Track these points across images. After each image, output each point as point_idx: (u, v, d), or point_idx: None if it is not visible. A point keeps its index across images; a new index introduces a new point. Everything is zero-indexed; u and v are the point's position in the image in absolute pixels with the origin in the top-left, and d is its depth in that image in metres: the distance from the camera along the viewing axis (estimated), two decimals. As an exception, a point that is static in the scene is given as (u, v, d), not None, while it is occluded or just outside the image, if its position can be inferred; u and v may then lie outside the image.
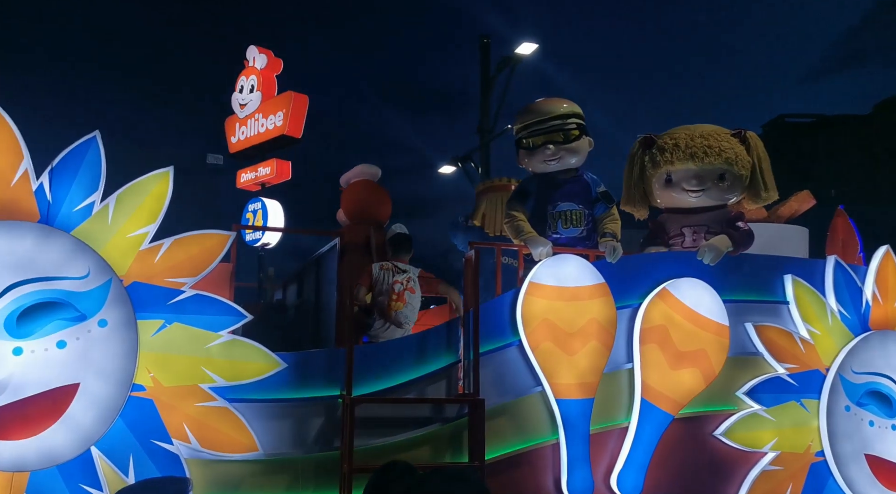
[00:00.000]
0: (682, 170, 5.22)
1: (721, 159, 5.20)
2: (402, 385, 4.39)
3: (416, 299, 5.22)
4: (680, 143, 5.26)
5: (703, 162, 5.18)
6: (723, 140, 5.29)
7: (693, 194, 5.24)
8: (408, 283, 5.19)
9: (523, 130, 5.21)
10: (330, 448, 4.12)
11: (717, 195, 5.27)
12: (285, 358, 4.07)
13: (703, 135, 5.29)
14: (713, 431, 4.90)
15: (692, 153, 5.19)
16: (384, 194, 6.83)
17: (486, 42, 16.71)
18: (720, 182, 5.24)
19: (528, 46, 15.90)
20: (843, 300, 5.36)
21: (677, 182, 5.26)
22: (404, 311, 5.15)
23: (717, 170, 5.22)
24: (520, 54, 15.96)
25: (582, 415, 4.57)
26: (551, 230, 5.10)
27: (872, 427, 5.18)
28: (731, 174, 5.25)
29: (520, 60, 16.00)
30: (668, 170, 5.26)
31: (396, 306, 5.11)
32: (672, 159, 5.23)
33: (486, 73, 16.58)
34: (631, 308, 4.85)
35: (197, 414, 3.85)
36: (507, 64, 16.20)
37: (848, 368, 5.20)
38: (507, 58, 16.21)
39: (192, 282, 3.93)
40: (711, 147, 5.21)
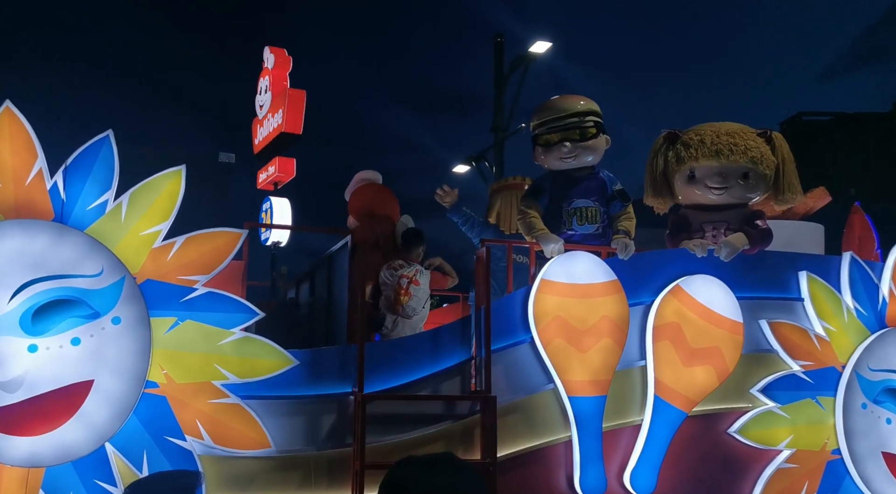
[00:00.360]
0: (705, 167, 5.16)
1: (746, 158, 5.12)
2: (414, 382, 4.37)
3: (422, 292, 5.23)
4: (705, 139, 5.18)
5: (728, 160, 5.11)
6: (748, 139, 5.20)
7: (716, 191, 5.17)
8: (414, 275, 5.20)
9: (540, 126, 5.18)
10: (342, 444, 4.11)
11: (740, 194, 5.20)
12: (297, 355, 4.07)
13: (728, 133, 5.20)
14: (727, 428, 4.85)
15: (717, 150, 5.12)
16: (388, 192, 6.85)
17: (500, 41, 16.68)
18: (744, 181, 5.16)
19: (542, 45, 15.87)
20: (860, 297, 5.29)
21: (700, 179, 5.20)
22: (411, 303, 5.16)
23: (741, 168, 5.15)
24: (533, 53, 15.93)
25: (595, 413, 4.54)
26: (566, 227, 5.07)
27: (890, 425, 5.10)
28: (756, 173, 5.17)
29: (533, 59, 15.97)
30: (692, 166, 5.19)
31: (403, 300, 5.12)
32: (697, 155, 5.16)
33: (500, 72, 16.56)
34: (644, 305, 4.81)
35: (210, 411, 3.86)
36: (520, 63, 16.19)
37: (864, 365, 5.13)
38: (520, 57, 16.20)
39: (204, 280, 3.94)
40: (737, 145, 5.13)
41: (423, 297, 5.25)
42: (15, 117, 3.77)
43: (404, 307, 5.11)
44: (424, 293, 5.26)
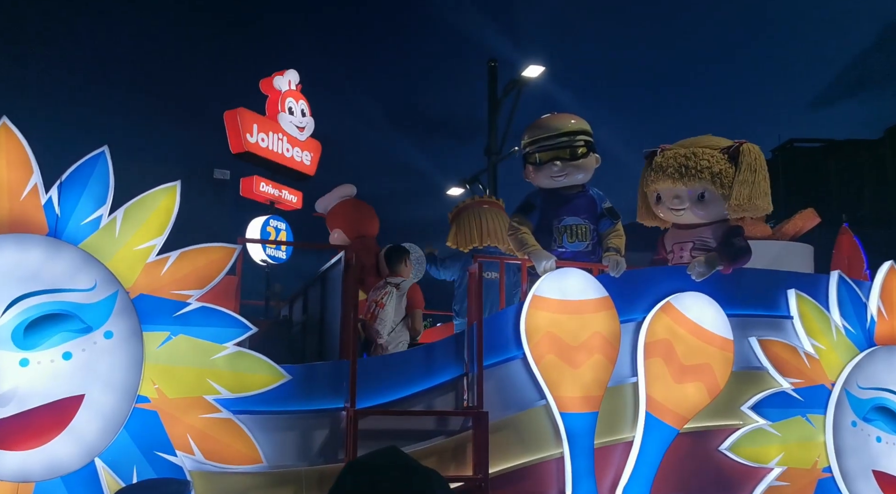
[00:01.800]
0: (663, 189, 5.17)
1: (696, 180, 5.03)
2: (407, 398, 4.31)
3: (388, 313, 5.14)
4: (663, 163, 5.14)
5: (682, 182, 5.07)
6: (702, 159, 5.06)
7: (676, 212, 5.18)
8: (382, 298, 5.12)
9: (531, 144, 5.16)
10: (335, 460, 4.04)
11: (700, 214, 5.11)
12: (290, 370, 4.01)
13: (686, 155, 5.10)
14: (718, 446, 4.78)
15: (670, 174, 5.08)
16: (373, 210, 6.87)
17: (494, 65, 16.69)
18: (700, 200, 5.08)
19: (535, 69, 15.89)
20: (848, 315, 5.26)
21: (664, 200, 5.22)
22: (376, 326, 5.09)
23: (695, 190, 5.07)
24: (526, 77, 15.97)
25: (586, 429, 4.48)
26: (556, 244, 5.04)
27: (880, 443, 5.04)
28: (711, 193, 5.07)
29: (526, 83, 15.99)
30: (655, 188, 5.22)
31: (370, 322, 5.06)
32: (657, 179, 5.17)
33: (494, 95, 16.55)
34: (635, 322, 4.77)
35: (201, 426, 3.79)
36: (513, 86, 16.19)
37: (854, 383, 5.08)
38: (514, 81, 16.21)
39: (197, 294, 3.89)
40: (688, 168, 5.04)
41: (389, 319, 5.15)
42: (11, 133, 3.74)
43: (371, 330, 5.05)
44: (390, 316, 5.16)
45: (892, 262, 5.59)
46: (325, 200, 6.83)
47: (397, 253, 5.48)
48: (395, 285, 5.21)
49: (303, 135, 7.21)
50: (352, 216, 6.60)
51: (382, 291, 5.15)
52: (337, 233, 6.50)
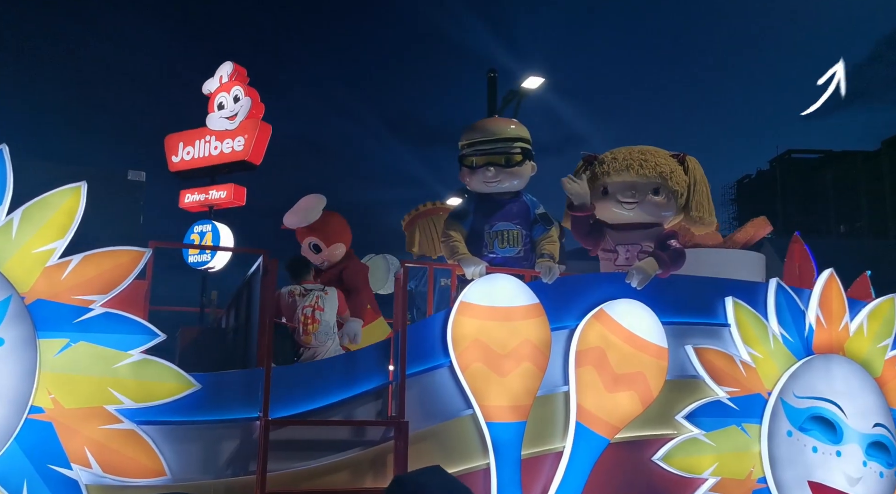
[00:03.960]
0: (618, 182, 4.99)
1: (655, 173, 4.96)
2: (329, 406, 4.05)
3: (329, 315, 4.90)
4: (618, 156, 5.05)
5: (638, 174, 4.94)
6: (659, 157, 5.07)
7: (627, 205, 5.00)
8: (317, 302, 4.87)
9: (468, 147, 4.93)
10: (245, 472, 3.76)
11: (651, 210, 5.01)
12: (200, 379, 3.74)
13: (641, 150, 5.08)
14: (651, 456, 4.56)
15: (628, 165, 4.97)
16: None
17: (493, 76, 16.02)
18: (654, 195, 4.99)
19: (535, 80, 15.44)
20: (786, 323, 5.07)
21: (613, 194, 5.02)
22: (322, 329, 4.83)
23: (651, 183, 4.97)
24: (526, 88, 15.57)
25: (513, 439, 4.24)
26: (487, 250, 4.80)
27: (816, 453, 4.85)
28: (666, 189, 4.99)
29: (525, 95, 15.60)
30: (604, 182, 5.03)
31: (312, 329, 4.79)
32: (609, 171, 5.01)
33: (493, 106, 15.95)
34: (568, 329, 4.54)
35: (100, 438, 3.50)
36: (513, 97, 15.70)
37: (790, 392, 4.89)
38: (513, 91, 15.74)
39: (102, 300, 3.61)
40: (647, 161, 4.99)
41: (331, 318, 4.91)
42: None
43: (315, 336, 4.79)
44: (331, 318, 4.92)
45: (832, 270, 5.42)
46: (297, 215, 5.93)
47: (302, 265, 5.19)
48: (322, 290, 4.96)
49: (234, 123, 6.87)
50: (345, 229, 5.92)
51: (311, 296, 4.90)
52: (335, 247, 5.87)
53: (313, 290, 4.97)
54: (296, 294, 5.05)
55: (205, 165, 6.95)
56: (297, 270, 5.31)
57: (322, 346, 4.79)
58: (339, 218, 6.25)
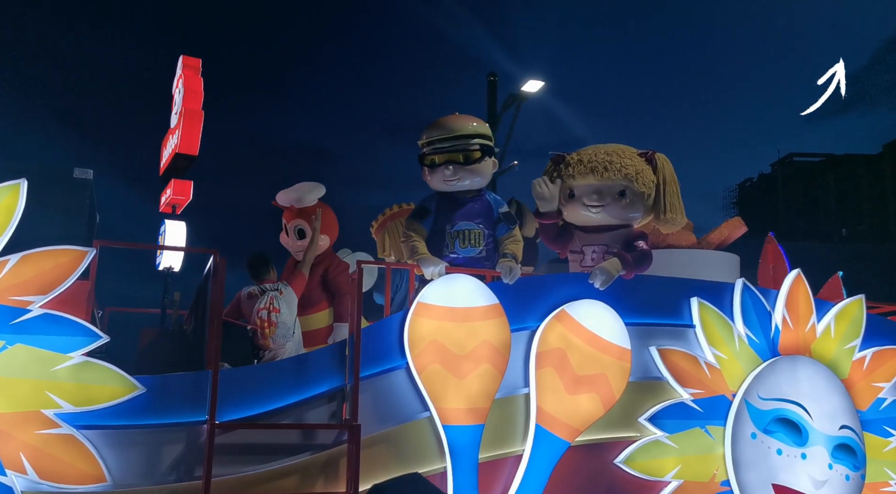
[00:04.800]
0: (583, 185, 4.88)
1: (621, 175, 4.85)
2: (282, 409, 3.92)
3: (286, 315, 4.76)
4: (583, 158, 4.94)
5: (602, 177, 4.84)
6: (625, 157, 4.95)
7: (593, 208, 4.90)
8: (272, 304, 4.74)
9: (427, 145, 4.81)
10: (190, 478, 3.63)
11: (617, 212, 4.91)
12: (144, 381, 3.60)
13: (606, 151, 4.96)
14: (613, 459, 4.45)
15: (592, 168, 4.86)
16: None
17: (493, 80, 15.82)
18: (620, 199, 4.90)
19: (535, 84, 15.23)
20: (752, 324, 4.97)
21: (579, 197, 4.91)
22: (279, 332, 4.70)
23: (616, 186, 4.87)
24: (526, 92, 15.30)
25: (470, 442, 4.12)
26: (448, 250, 4.67)
27: (780, 456, 4.75)
28: (632, 191, 4.89)
29: (525, 98, 15.38)
30: (570, 185, 4.93)
31: (270, 333, 4.66)
32: (574, 174, 4.90)
33: (493, 110, 15.63)
34: (529, 330, 4.42)
35: (37, 443, 3.35)
36: (513, 101, 15.46)
37: (754, 394, 4.79)
38: (513, 95, 15.48)
39: (41, 301, 3.47)
40: (612, 163, 4.88)
41: (289, 319, 4.78)
42: None
43: (273, 339, 4.66)
44: (289, 318, 4.79)
45: (799, 270, 5.33)
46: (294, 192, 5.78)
47: (261, 262, 5.06)
48: (276, 290, 4.83)
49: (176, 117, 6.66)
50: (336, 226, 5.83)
51: (266, 297, 4.76)
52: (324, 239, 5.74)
53: (269, 290, 4.83)
54: (253, 295, 4.92)
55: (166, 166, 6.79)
56: (256, 269, 5.18)
57: (281, 348, 4.67)
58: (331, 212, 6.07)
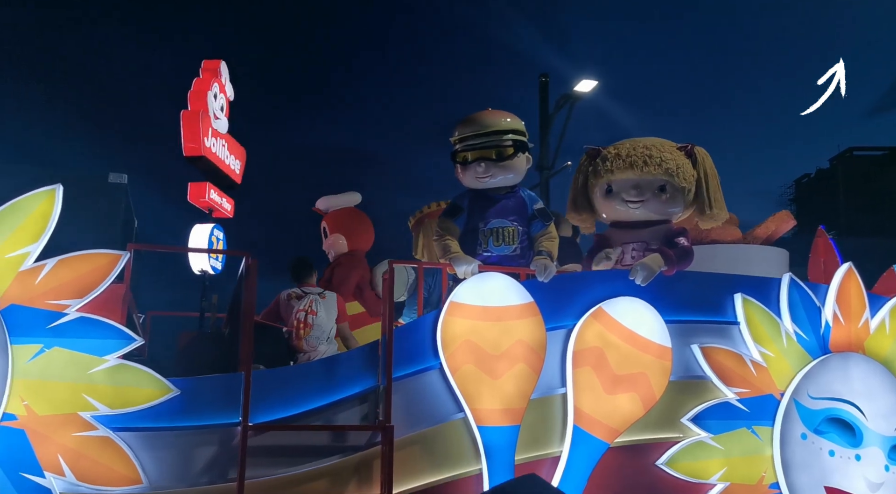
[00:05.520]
0: (621, 179, 4.74)
1: (661, 170, 4.71)
2: (314, 411, 3.89)
3: (322, 319, 4.74)
4: (621, 152, 4.79)
5: (643, 172, 4.69)
6: (665, 151, 4.81)
7: (632, 204, 4.75)
8: (310, 306, 4.72)
9: (459, 142, 4.73)
10: (224, 480, 3.62)
11: (658, 208, 4.76)
12: (179, 384, 3.61)
13: (645, 146, 4.82)
14: (655, 460, 4.30)
15: (632, 162, 4.72)
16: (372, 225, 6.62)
17: (545, 80, 15.67)
18: (660, 194, 4.74)
19: (588, 83, 15.01)
20: (800, 321, 4.75)
21: (617, 192, 4.77)
22: (313, 334, 4.68)
23: (656, 181, 4.72)
24: (579, 92, 15.05)
25: (506, 443, 4.03)
26: (482, 248, 4.58)
27: (833, 457, 4.54)
28: (672, 186, 4.75)
29: (579, 98, 15.07)
30: (608, 180, 4.77)
31: (305, 334, 4.64)
32: (612, 168, 4.75)
33: (546, 110, 15.52)
34: (565, 329, 4.30)
35: (74, 445, 3.38)
36: (566, 101, 15.27)
37: (804, 393, 4.58)
38: (565, 95, 15.28)
39: (77, 304, 3.50)
40: (652, 157, 4.73)
41: (325, 323, 4.76)
42: None
43: (306, 341, 4.64)
44: (326, 323, 4.77)
45: (850, 264, 5.09)
46: (331, 200, 6.56)
47: (304, 266, 5.08)
48: (318, 294, 4.82)
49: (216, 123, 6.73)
50: (358, 227, 6.40)
51: (305, 300, 4.76)
52: (337, 237, 6.19)
53: (310, 293, 4.83)
54: (293, 297, 4.92)
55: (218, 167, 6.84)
56: (298, 271, 5.20)
57: (314, 351, 4.65)
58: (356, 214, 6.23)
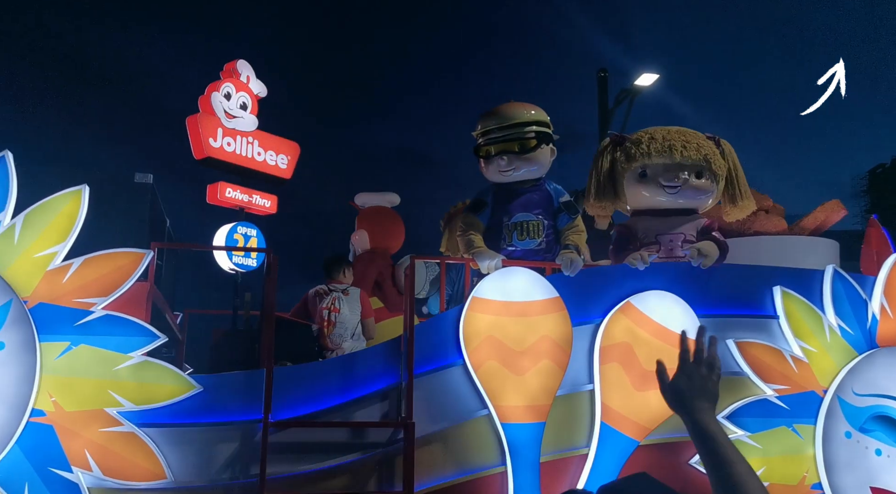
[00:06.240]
0: (659, 164, 4.58)
1: (700, 155, 4.55)
2: (336, 408, 3.87)
3: (346, 316, 4.72)
4: (656, 136, 4.63)
5: (682, 155, 4.52)
6: (699, 138, 4.68)
7: (669, 189, 4.58)
8: (333, 304, 4.71)
9: (482, 136, 4.65)
10: (247, 475, 3.63)
11: (692, 194, 4.58)
12: (202, 380, 3.63)
13: (679, 131, 4.68)
14: (688, 459, 4.15)
15: (670, 146, 4.54)
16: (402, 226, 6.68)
17: (604, 76, 15.06)
18: (697, 179, 4.58)
19: (649, 77, 14.51)
20: (845, 314, 4.51)
21: (653, 177, 4.59)
22: (336, 332, 4.67)
23: (695, 165, 4.56)
24: (639, 86, 14.58)
25: (531, 441, 3.94)
26: (506, 243, 4.49)
27: (880, 456, 4.29)
28: (709, 172, 4.59)
29: (639, 92, 14.59)
30: (643, 163, 4.59)
31: (329, 332, 4.64)
32: (649, 151, 4.56)
33: (605, 106, 14.90)
34: (593, 324, 4.18)
35: (101, 440, 3.44)
36: (625, 96, 14.74)
37: (848, 389, 4.35)
38: (625, 90, 14.76)
39: (102, 302, 3.56)
40: (690, 142, 4.59)
41: (349, 320, 4.74)
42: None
43: (330, 339, 4.63)
44: (348, 319, 4.75)
45: (897, 254, 4.83)
46: (368, 197, 6.81)
47: (335, 262, 5.09)
48: (342, 291, 4.81)
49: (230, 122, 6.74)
50: (383, 225, 6.52)
51: (329, 297, 4.76)
52: (362, 234, 6.36)
53: (334, 291, 4.83)
54: (320, 293, 4.92)
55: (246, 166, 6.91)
56: (328, 268, 5.22)
57: (339, 348, 4.65)
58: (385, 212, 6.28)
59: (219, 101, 6.67)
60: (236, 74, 6.96)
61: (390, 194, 6.91)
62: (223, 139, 6.51)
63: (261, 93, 7.23)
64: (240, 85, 7.10)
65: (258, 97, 7.21)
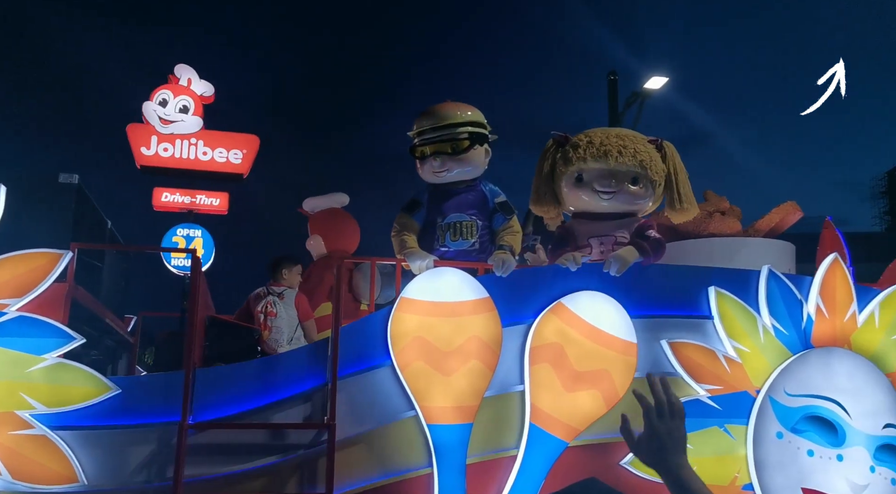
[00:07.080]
0: (594, 169, 4.55)
1: (635, 161, 4.52)
2: (260, 409, 3.81)
3: (282, 319, 4.66)
4: (594, 140, 4.60)
5: (617, 162, 4.51)
6: (638, 143, 4.64)
7: (604, 195, 4.56)
8: (268, 307, 4.65)
9: (417, 136, 4.62)
10: (164, 478, 3.57)
11: (628, 200, 4.56)
12: (119, 382, 3.57)
13: (618, 135, 4.64)
14: (619, 460, 4.13)
15: (606, 151, 4.52)
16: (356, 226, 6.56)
17: (614, 79, 15.30)
18: (633, 185, 4.55)
19: (658, 81, 14.65)
20: (779, 314, 4.50)
21: (588, 182, 4.57)
22: (272, 336, 4.61)
23: (630, 172, 4.54)
24: (649, 89, 14.70)
25: (458, 442, 3.89)
26: (439, 243, 4.45)
27: (812, 457, 4.27)
28: (645, 178, 4.56)
29: (648, 95, 14.70)
30: (579, 168, 4.57)
31: (265, 335, 4.58)
32: (585, 156, 4.55)
33: (615, 109, 15.13)
34: (524, 325, 4.15)
35: (10, 443, 3.36)
36: (635, 99, 14.93)
37: (780, 389, 4.33)
38: (635, 93, 14.94)
39: (16, 304, 3.50)
40: (626, 147, 4.55)
41: (284, 324, 4.68)
42: None
43: (267, 342, 4.57)
44: (284, 322, 4.69)
45: (836, 255, 4.82)
46: (315, 201, 6.58)
47: (274, 264, 5.03)
48: (277, 294, 4.75)
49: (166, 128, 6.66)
50: (336, 227, 6.33)
51: (264, 301, 4.70)
52: (315, 239, 6.24)
53: (271, 294, 4.78)
54: (260, 296, 4.87)
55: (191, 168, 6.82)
56: (270, 269, 5.16)
57: (275, 352, 4.59)
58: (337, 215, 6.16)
59: (152, 109, 6.60)
60: (174, 79, 6.88)
61: (338, 195, 6.69)
62: (158, 146, 6.43)
63: (205, 92, 7.14)
64: (179, 89, 7.02)
65: (203, 98, 7.13)
